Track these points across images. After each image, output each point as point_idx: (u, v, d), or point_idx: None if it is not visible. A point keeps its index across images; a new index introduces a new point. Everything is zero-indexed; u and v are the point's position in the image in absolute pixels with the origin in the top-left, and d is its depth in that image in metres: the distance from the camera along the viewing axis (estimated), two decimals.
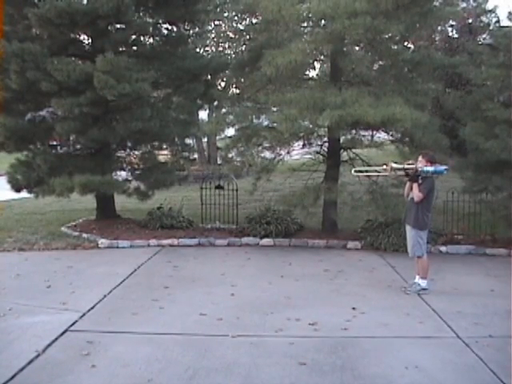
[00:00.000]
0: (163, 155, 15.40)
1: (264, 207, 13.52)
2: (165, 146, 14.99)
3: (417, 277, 9.16)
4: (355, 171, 10.27)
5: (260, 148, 13.32)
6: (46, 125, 13.27)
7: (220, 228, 13.64)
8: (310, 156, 13.92)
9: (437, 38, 22.72)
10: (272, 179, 14.13)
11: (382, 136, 13.73)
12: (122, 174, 14.52)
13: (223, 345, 6.94)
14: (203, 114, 22.70)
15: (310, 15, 11.59)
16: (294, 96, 11.44)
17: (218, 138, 22.73)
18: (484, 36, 22.48)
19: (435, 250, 11.80)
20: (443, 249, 11.97)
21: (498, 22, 23.01)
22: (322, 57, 13.54)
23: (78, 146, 14.20)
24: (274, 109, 12.65)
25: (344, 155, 13.27)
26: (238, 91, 17.31)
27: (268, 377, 6.08)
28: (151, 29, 14.19)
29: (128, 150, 14.72)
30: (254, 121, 12.99)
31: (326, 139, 13.15)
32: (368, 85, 12.38)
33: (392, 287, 9.41)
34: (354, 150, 13.11)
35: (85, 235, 13.07)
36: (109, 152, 13.90)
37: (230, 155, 13.79)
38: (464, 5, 22.02)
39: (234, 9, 17.11)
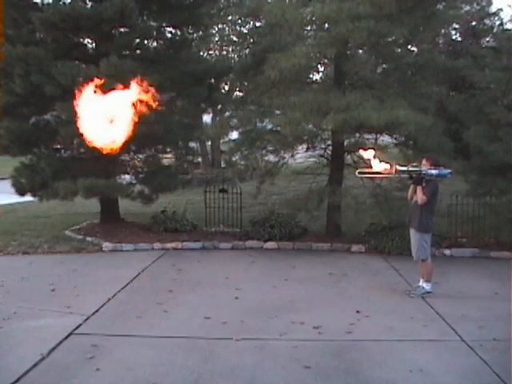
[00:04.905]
0: (167, 159, 15.41)
1: (268, 211, 13.52)
2: (169, 150, 15.00)
3: (421, 280, 9.15)
4: (359, 173, 10.27)
5: (264, 151, 13.33)
6: (50, 128, 13.29)
7: (224, 231, 13.63)
8: (313, 159, 13.92)
9: (440, 41, 22.70)
10: (276, 182, 14.15)
11: (385, 139, 13.73)
12: (126, 178, 14.55)
13: (227, 348, 6.94)
14: (207, 118, 22.75)
15: (314, 19, 11.60)
16: (298, 99, 11.45)
17: (221, 141, 22.76)
18: (487, 39, 22.47)
19: (439, 253, 11.80)
20: (447, 252, 11.97)
21: (501, 25, 23.01)
22: (326, 60, 13.53)
23: (82, 150, 14.20)
24: (278, 112, 12.64)
25: (348, 158, 13.26)
26: (241, 95, 17.29)
27: (272, 380, 6.08)
28: (155, 32, 14.21)
29: (132, 154, 14.72)
30: (258, 124, 13.02)
31: (329, 142, 13.16)
32: (372, 88, 12.37)
33: (396, 290, 9.41)
34: (357, 154, 13.10)
35: (89, 239, 13.10)
36: (113, 156, 13.88)
37: (233, 159, 13.81)
38: (467, 8, 22.01)
39: (238, 12, 17.13)
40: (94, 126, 7.70)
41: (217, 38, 24.77)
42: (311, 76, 14.44)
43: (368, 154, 8.82)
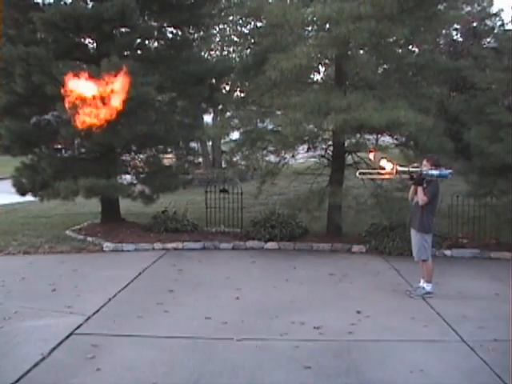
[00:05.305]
0: (168, 159, 15.42)
1: (269, 211, 13.52)
2: (169, 150, 15.01)
3: (421, 280, 9.15)
4: (360, 173, 10.27)
5: (265, 152, 13.35)
6: (51, 128, 13.29)
7: (225, 232, 13.63)
8: (314, 160, 13.93)
9: (441, 42, 22.73)
10: (277, 183, 14.16)
11: (386, 140, 13.74)
12: (127, 178, 14.55)
13: (228, 348, 6.94)
14: (208, 118, 22.81)
15: (315, 19, 11.60)
16: (299, 100, 11.45)
17: (222, 141, 22.76)
18: (488, 40, 22.49)
19: (440, 253, 11.81)
20: (448, 252, 11.97)
21: (502, 25, 23.04)
22: (327, 60, 13.55)
23: (83, 150, 14.23)
24: (279, 112, 12.66)
25: (349, 159, 13.27)
26: (242, 95, 17.32)
27: (273, 380, 6.08)
28: (156, 33, 14.23)
29: (133, 154, 14.74)
30: (259, 124, 13.02)
31: (330, 143, 13.16)
32: (373, 88, 12.38)
33: (397, 291, 9.41)
34: (358, 154, 13.11)
35: (89, 239, 13.10)
36: (114, 156, 13.92)
37: (234, 159, 13.82)
38: (468, 8, 22.04)
39: (239, 12, 17.10)
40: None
41: (218, 39, 24.78)
42: (312, 76, 14.46)
43: (377, 157, 8.84)
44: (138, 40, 13.91)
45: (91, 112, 8.49)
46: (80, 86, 8.52)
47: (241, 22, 21.96)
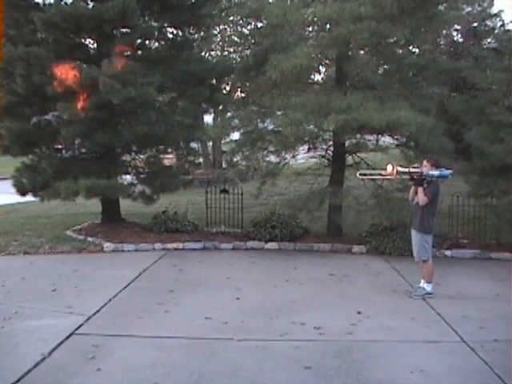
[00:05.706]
0: (168, 159, 15.41)
1: (269, 211, 13.53)
2: (170, 150, 15.00)
3: (422, 281, 9.15)
4: (360, 174, 10.27)
5: (265, 152, 13.33)
6: (52, 128, 13.26)
7: (225, 232, 13.62)
8: (315, 160, 13.92)
9: (442, 42, 22.71)
10: (277, 183, 14.14)
11: (387, 140, 13.74)
12: (128, 178, 14.54)
13: (228, 349, 6.94)
14: (208, 118, 22.81)
15: (315, 19, 11.59)
16: (299, 100, 11.46)
17: (223, 142, 22.75)
18: (489, 40, 22.48)
19: (440, 254, 11.80)
20: (448, 253, 11.96)
21: (502, 26, 23.03)
22: (327, 61, 13.54)
23: (84, 150, 14.21)
24: (279, 113, 12.65)
25: (349, 159, 13.27)
26: (243, 95, 17.31)
27: (273, 381, 6.07)
28: (156, 33, 14.20)
29: (133, 154, 14.72)
30: (259, 125, 13.01)
31: (331, 143, 13.15)
32: (373, 89, 12.37)
33: (397, 291, 9.41)
34: (358, 154, 13.12)
35: (90, 239, 13.10)
36: (114, 156, 13.90)
37: (235, 159, 13.81)
38: (469, 9, 22.02)
39: (239, 13, 17.10)
40: None
41: (218, 39, 24.80)
42: (312, 77, 14.44)
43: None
44: (139, 40, 13.89)
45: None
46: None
47: (241, 22, 21.97)
